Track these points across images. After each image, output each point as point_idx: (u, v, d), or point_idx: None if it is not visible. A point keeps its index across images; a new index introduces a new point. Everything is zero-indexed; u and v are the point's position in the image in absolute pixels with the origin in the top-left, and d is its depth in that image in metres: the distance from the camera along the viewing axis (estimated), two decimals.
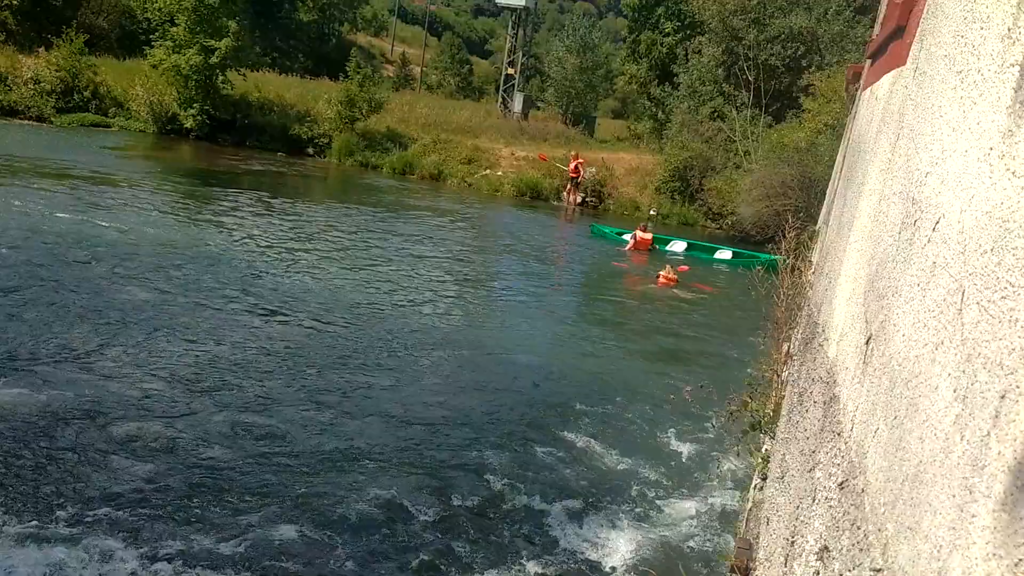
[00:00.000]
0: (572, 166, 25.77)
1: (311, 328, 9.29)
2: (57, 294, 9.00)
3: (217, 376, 7.50)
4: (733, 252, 19.14)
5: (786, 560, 2.37)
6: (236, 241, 13.32)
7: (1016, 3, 1.23)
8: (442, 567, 5.09)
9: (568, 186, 25.98)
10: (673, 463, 7.06)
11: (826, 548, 1.79)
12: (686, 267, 16.26)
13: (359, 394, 7.64)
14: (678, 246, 19.37)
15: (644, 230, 18.89)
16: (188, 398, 6.95)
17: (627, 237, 19.09)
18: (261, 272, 11.45)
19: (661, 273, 15.48)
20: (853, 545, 1.54)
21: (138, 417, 6.43)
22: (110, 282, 9.75)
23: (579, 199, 26.25)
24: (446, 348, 9.30)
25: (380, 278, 12.34)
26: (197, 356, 7.90)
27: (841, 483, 1.80)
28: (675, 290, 15.03)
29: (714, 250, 19.59)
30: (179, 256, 11.53)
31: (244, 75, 28.91)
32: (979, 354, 1.08)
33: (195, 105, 27.14)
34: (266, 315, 9.48)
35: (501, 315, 11.69)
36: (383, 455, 6.44)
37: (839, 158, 6.66)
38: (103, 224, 12.72)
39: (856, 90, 5.96)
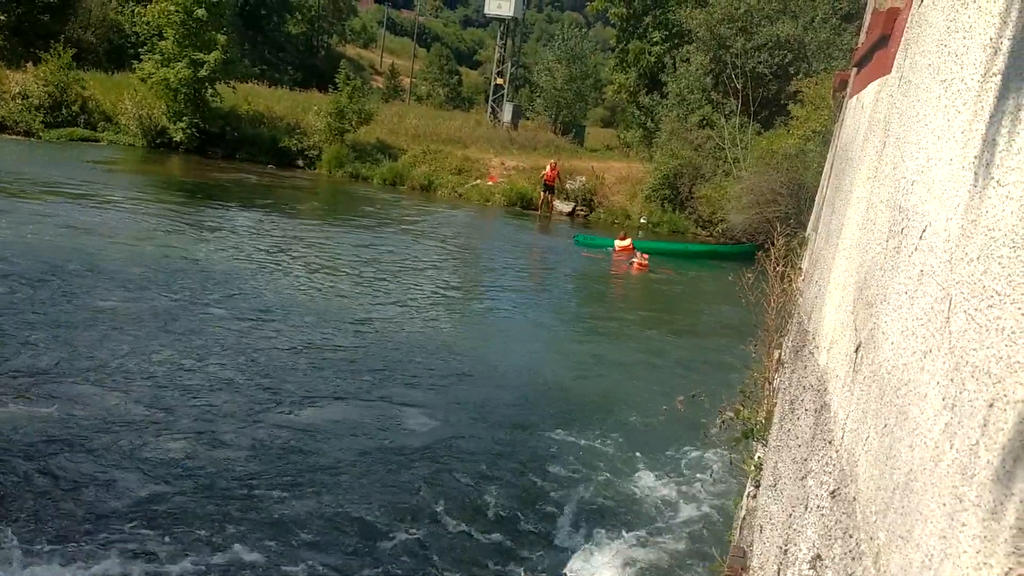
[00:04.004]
0: (547, 172, 25.87)
1: (305, 340, 9.25)
2: (52, 310, 8.94)
3: (207, 390, 7.46)
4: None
5: (779, 569, 2.37)
6: (226, 255, 13.28)
7: (998, 13, 1.24)
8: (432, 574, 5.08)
9: (543, 194, 26.06)
10: (666, 471, 7.05)
11: (819, 557, 1.79)
12: (647, 255, 17.94)
13: (355, 405, 7.60)
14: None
15: (623, 238, 19.91)
16: (185, 410, 6.91)
17: (613, 245, 19.99)
18: (251, 285, 11.41)
19: (635, 260, 17.42)
20: (845, 554, 1.53)
21: (139, 431, 6.38)
22: (105, 297, 9.70)
23: (568, 209, 26.35)
24: (436, 359, 9.27)
25: (375, 289, 12.32)
26: (188, 369, 7.86)
27: (833, 491, 1.79)
28: (651, 275, 16.93)
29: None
30: (172, 269, 11.48)
31: (233, 88, 28.92)
32: (967, 362, 1.08)
33: (184, 118, 27.12)
34: (258, 328, 9.44)
35: (486, 322, 11.69)
36: (375, 465, 6.42)
37: (827, 165, 6.69)
38: (94, 239, 12.66)
39: (843, 97, 5.99)
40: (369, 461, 6.52)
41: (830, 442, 2.00)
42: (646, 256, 17.75)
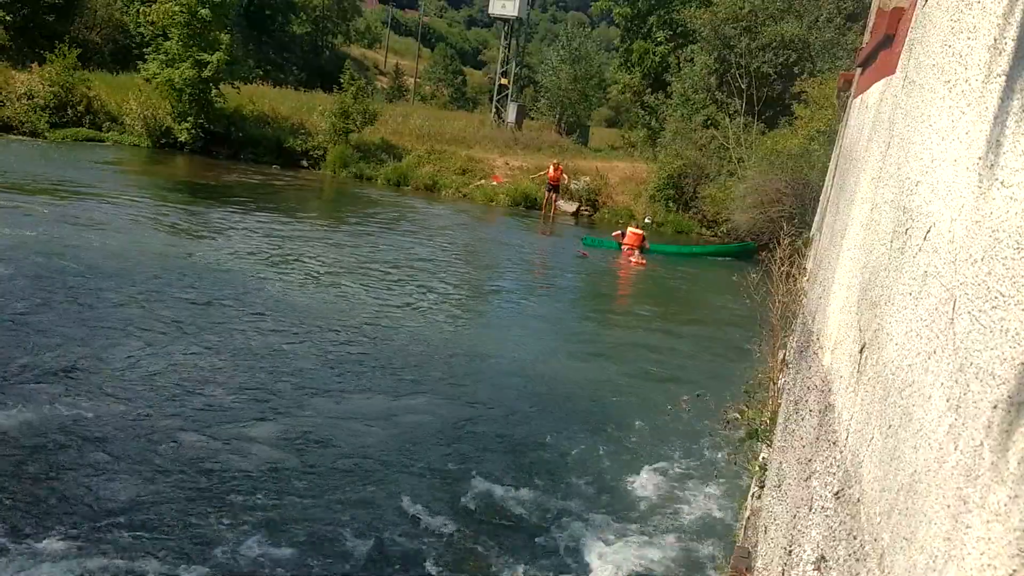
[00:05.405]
0: (550, 172, 25.83)
1: (315, 339, 9.27)
2: (62, 310, 8.96)
3: (212, 389, 7.47)
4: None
5: (783, 570, 2.36)
6: (234, 255, 13.29)
7: (1002, 13, 1.24)
8: (436, 573, 5.08)
9: (548, 194, 26.01)
10: (671, 470, 7.05)
11: (823, 558, 1.79)
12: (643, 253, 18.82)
13: (356, 405, 7.62)
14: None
15: (635, 227, 20.33)
16: (197, 408, 6.92)
17: (616, 236, 20.14)
18: (260, 286, 11.43)
19: (632, 258, 18.24)
20: (850, 555, 1.53)
21: (138, 433, 6.40)
22: (116, 297, 9.72)
23: (572, 209, 26.35)
24: (443, 358, 9.28)
25: (382, 289, 12.33)
26: (192, 369, 7.87)
27: (837, 492, 1.79)
28: (649, 272, 17.57)
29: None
30: (178, 270, 11.50)
31: (238, 88, 28.91)
32: (971, 364, 1.08)
33: (189, 119, 27.12)
34: (269, 327, 9.45)
35: (490, 321, 11.69)
36: (382, 464, 6.43)
37: (831, 165, 6.68)
38: (100, 240, 12.68)
39: (847, 97, 5.98)
40: (374, 457, 6.53)
41: (834, 443, 2.00)
42: (642, 255, 18.51)
